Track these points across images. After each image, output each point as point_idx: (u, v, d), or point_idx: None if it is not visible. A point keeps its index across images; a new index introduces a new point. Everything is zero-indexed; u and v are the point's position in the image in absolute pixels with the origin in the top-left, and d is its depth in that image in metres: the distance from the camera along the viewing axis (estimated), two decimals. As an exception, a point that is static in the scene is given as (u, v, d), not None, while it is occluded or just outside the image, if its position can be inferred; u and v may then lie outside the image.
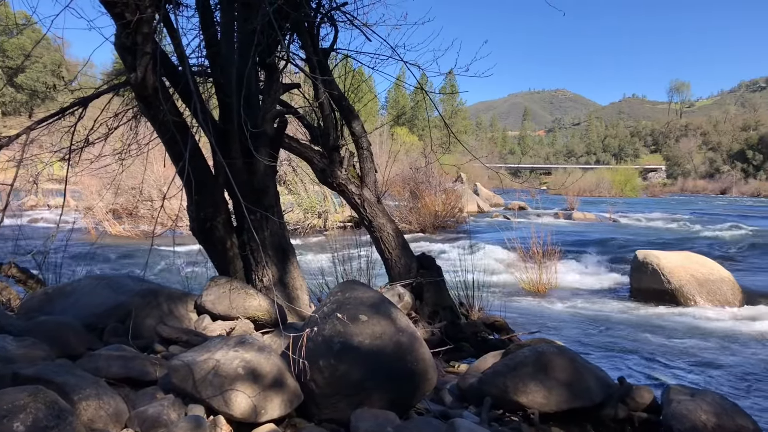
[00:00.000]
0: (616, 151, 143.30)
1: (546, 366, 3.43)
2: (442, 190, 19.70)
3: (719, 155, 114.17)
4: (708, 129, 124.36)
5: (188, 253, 4.66)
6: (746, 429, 3.33)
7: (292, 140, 5.03)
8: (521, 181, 34.09)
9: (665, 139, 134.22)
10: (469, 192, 30.99)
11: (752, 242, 16.63)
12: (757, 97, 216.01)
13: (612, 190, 56.26)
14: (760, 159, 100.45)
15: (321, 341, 3.00)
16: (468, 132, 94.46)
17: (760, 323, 7.26)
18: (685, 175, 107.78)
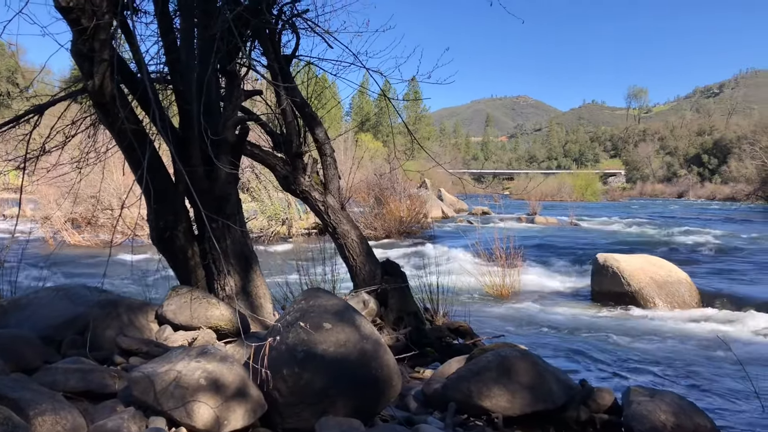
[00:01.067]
0: (577, 156, 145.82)
1: (509, 370, 3.47)
2: (406, 195, 19.77)
3: (676, 159, 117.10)
4: (665, 134, 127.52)
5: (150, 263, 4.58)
6: (703, 427, 3.42)
7: (254, 147, 4.99)
8: (484, 187, 34.43)
9: (624, 144, 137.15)
10: (433, 198, 31.15)
11: (708, 244, 17.10)
12: (711, 102, 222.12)
13: (573, 194, 57.11)
14: (715, 163, 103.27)
15: (284, 350, 2.98)
16: (432, 138, 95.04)
17: (715, 324, 7.46)
18: (644, 179, 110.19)
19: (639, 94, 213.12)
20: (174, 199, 4.30)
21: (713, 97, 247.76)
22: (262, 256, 13.25)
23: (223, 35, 3.71)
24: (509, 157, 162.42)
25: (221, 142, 4.10)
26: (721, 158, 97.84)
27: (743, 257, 14.37)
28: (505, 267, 9.70)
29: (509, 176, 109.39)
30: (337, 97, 19.26)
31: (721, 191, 77.41)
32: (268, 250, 14.96)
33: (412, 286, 6.04)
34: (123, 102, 3.70)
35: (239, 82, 4.39)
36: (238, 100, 4.31)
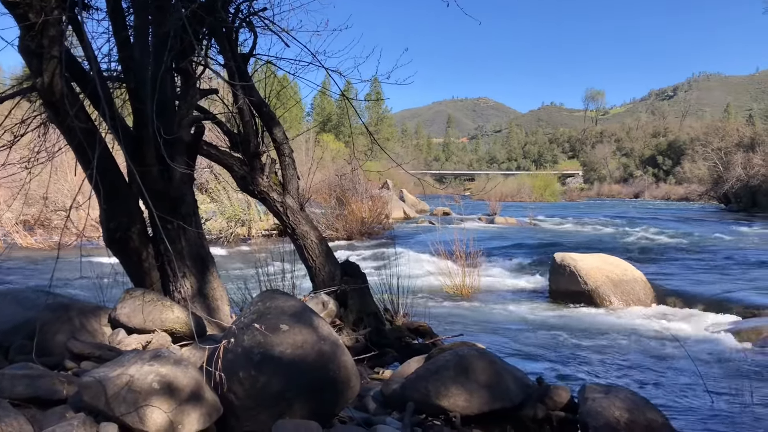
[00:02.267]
0: (536, 158, 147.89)
1: (467, 369, 3.49)
2: (368, 196, 19.78)
3: (632, 161, 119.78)
4: (621, 136, 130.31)
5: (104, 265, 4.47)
6: (655, 422, 3.49)
7: (210, 147, 4.93)
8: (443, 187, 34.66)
9: (582, 145, 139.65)
10: (395, 198, 31.24)
11: (663, 243, 17.54)
12: (665, 105, 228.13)
13: (532, 195, 57.92)
14: (669, 164, 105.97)
15: (241, 352, 2.94)
16: (394, 139, 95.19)
17: (669, 321, 7.64)
18: (601, 180, 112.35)
19: (596, 97, 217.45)
20: (127, 200, 4.21)
21: (668, 99, 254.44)
22: (220, 258, 13.09)
23: (177, 33, 3.64)
24: (470, 158, 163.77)
25: (176, 141, 4.03)
26: (675, 159, 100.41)
27: (696, 256, 14.78)
28: (465, 267, 9.77)
29: (470, 177, 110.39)
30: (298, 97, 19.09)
31: (675, 192, 79.48)
32: (227, 252, 14.79)
33: (373, 287, 6.04)
34: (73, 100, 3.60)
35: (195, 80, 4.32)
36: (193, 99, 4.25)
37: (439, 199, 36.42)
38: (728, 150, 51.04)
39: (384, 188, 29.70)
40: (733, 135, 61.72)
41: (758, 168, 40.95)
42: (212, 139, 7.58)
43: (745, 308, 8.06)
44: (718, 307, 8.22)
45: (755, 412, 4.39)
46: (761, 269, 12.18)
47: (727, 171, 45.45)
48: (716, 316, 7.83)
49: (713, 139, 64.07)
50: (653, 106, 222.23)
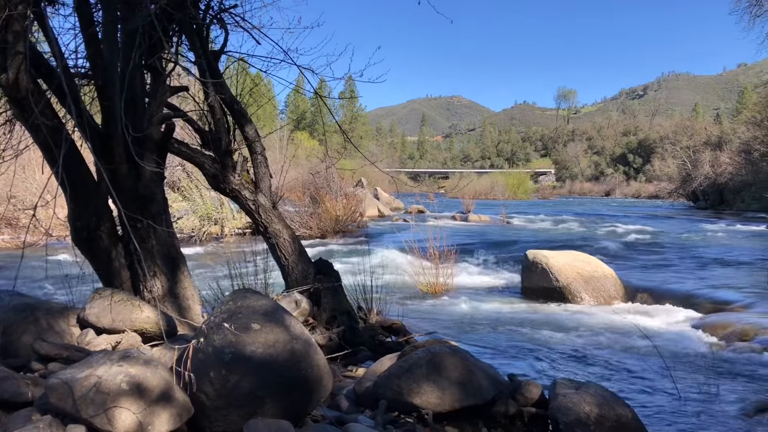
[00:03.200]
0: (509, 156, 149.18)
1: (439, 366, 3.50)
2: (342, 194, 19.73)
3: (603, 159, 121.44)
4: (593, 134, 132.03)
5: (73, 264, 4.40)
6: (624, 417, 3.54)
7: (181, 145, 4.87)
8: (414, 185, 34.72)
9: (554, 143, 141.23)
10: (369, 196, 31.21)
11: (633, 240, 17.81)
12: (636, 104, 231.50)
13: (506, 192, 58.44)
14: (639, 162, 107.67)
15: (211, 352, 2.91)
16: (368, 137, 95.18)
17: (639, 317, 7.76)
18: (573, 178, 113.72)
19: (568, 95, 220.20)
20: (96, 198, 4.14)
21: (638, 98, 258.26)
22: (193, 257, 12.98)
23: (145, 29, 3.60)
24: (444, 157, 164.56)
25: (146, 139, 3.98)
26: (645, 157, 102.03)
27: (664, 252, 15.03)
28: (438, 265, 9.81)
29: (444, 175, 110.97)
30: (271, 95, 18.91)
31: (645, 189, 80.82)
32: (200, 251, 14.65)
33: (347, 285, 6.03)
34: (39, 97, 3.53)
35: (165, 77, 4.27)
36: (163, 96, 4.20)
37: (413, 197, 36.53)
38: (696, 148, 52.01)
39: (358, 186, 29.65)
40: (701, 134, 62.93)
41: (725, 166, 41.80)
42: (183, 137, 7.49)
43: (711, 304, 8.23)
44: (685, 302, 8.38)
45: (721, 405, 4.48)
46: (727, 266, 12.43)
47: (695, 169, 46.30)
48: (684, 312, 7.99)
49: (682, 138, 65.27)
50: (624, 105, 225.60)
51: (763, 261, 12.93)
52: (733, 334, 6.62)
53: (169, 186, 17.82)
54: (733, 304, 8.13)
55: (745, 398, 4.61)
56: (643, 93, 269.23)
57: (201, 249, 15.10)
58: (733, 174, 40.52)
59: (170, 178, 17.80)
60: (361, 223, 20.99)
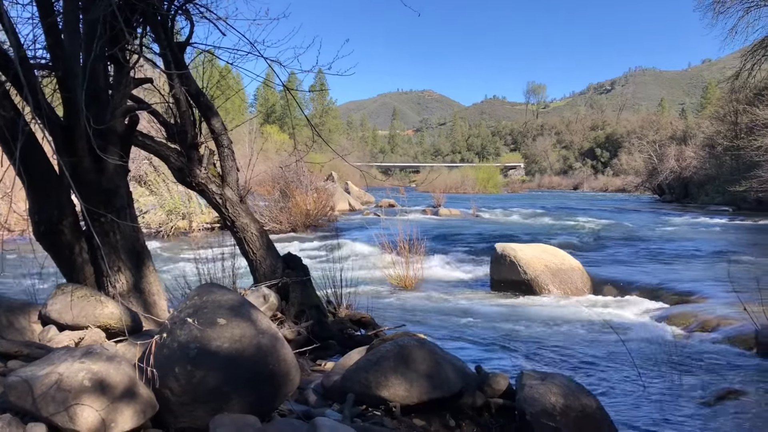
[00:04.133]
0: (479, 150, 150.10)
1: (407, 359, 3.51)
2: (313, 188, 19.65)
3: (572, 153, 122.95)
4: (561, 128, 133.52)
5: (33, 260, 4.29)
6: (589, 407, 3.60)
7: (146, 138, 4.79)
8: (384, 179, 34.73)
9: (523, 138, 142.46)
10: (340, 190, 31.17)
11: (599, 233, 18.09)
12: (603, 98, 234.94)
13: (476, 186, 58.82)
14: (607, 156, 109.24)
15: (176, 347, 2.88)
16: (339, 131, 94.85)
17: (604, 309, 7.89)
18: (542, 172, 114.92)
19: (537, 90, 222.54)
20: (58, 192, 4.05)
21: (605, 93, 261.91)
22: (160, 252, 12.80)
23: (106, 19, 3.52)
24: (415, 151, 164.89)
25: (109, 132, 3.91)
26: (613, 152, 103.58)
27: (630, 245, 15.29)
28: (408, 258, 9.84)
29: (415, 169, 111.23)
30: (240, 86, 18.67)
31: (612, 183, 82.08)
32: (167, 246, 14.47)
33: (316, 279, 6.01)
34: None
35: (129, 69, 4.20)
36: (127, 88, 4.13)
37: (384, 191, 36.54)
38: (662, 143, 52.95)
39: (329, 180, 29.60)
40: (667, 128, 64.15)
41: (690, 160, 42.63)
42: (149, 130, 7.38)
43: (675, 295, 8.39)
44: (650, 294, 8.53)
45: (683, 394, 4.58)
46: (691, 258, 12.70)
47: (661, 163, 47.14)
48: (649, 303, 8.13)
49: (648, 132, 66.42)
50: (592, 100, 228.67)
51: (725, 253, 13.23)
52: (696, 325, 6.76)
53: (136, 180, 17.56)
54: (696, 295, 8.29)
55: (705, 387, 4.72)
56: (611, 88, 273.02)
57: (168, 244, 14.91)
58: (698, 168, 41.35)
59: (137, 172, 17.52)
60: (332, 217, 20.94)
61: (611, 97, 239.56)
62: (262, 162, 23.88)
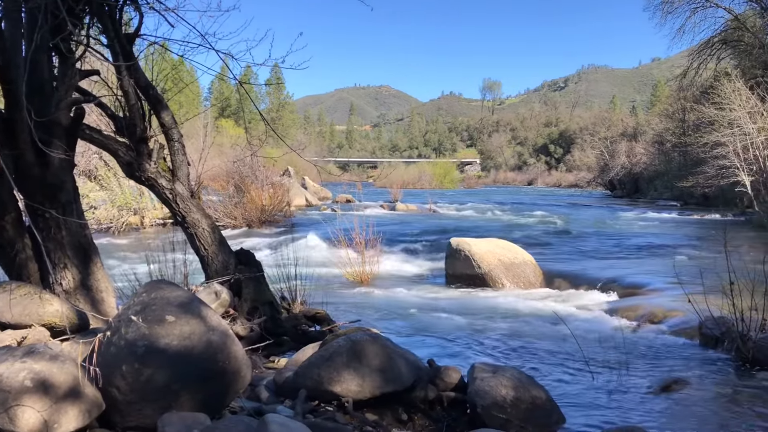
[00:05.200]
0: (436, 146, 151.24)
1: (360, 354, 3.52)
2: (269, 183, 19.46)
3: (526, 149, 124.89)
4: (516, 125, 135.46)
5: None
6: (539, 398, 3.67)
7: (93, 131, 4.67)
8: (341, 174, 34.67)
9: (479, 134, 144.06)
10: (297, 186, 30.96)
11: (553, 228, 18.43)
12: (557, 95, 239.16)
13: (433, 182, 59.25)
14: (560, 152, 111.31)
15: (124, 345, 2.83)
16: (296, 126, 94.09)
17: (555, 302, 8.04)
18: (498, 168, 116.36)
19: (493, 87, 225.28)
20: None
21: (559, 90, 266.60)
22: (110, 248, 12.52)
23: (48, 8, 3.41)
24: (373, 146, 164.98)
25: (53, 125, 3.80)
26: (566, 148, 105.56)
27: (582, 239, 15.62)
28: (365, 254, 9.84)
29: (373, 164, 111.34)
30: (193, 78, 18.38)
31: (565, 179, 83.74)
32: (118, 242, 14.16)
33: (271, 275, 5.97)
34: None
35: (74, 60, 4.08)
36: (72, 80, 4.01)
37: (342, 186, 36.49)
38: (614, 139, 54.27)
39: (285, 175, 29.36)
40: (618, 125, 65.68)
41: (640, 156, 43.78)
42: (98, 123, 7.20)
43: (624, 288, 8.59)
44: (600, 287, 8.72)
45: (631, 384, 4.70)
46: (640, 251, 13.05)
47: (612, 159, 48.31)
48: (599, 296, 8.31)
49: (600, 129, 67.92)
50: (546, 97, 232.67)
51: (672, 247, 13.63)
52: (644, 316, 6.94)
53: (86, 175, 17.11)
54: (644, 288, 8.51)
55: (652, 377, 4.85)
56: (564, 85, 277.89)
57: (119, 240, 14.59)
58: (647, 164, 42.51)
59: (86, 166, 17.08)
60: (288, 213, 20.80)
61: (565, 94, 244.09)
62: (216, 156, 23.57)
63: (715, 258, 5.68)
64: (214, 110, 68.77)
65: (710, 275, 5.46)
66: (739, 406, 4.17)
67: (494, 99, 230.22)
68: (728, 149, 19.24)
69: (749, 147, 18.80)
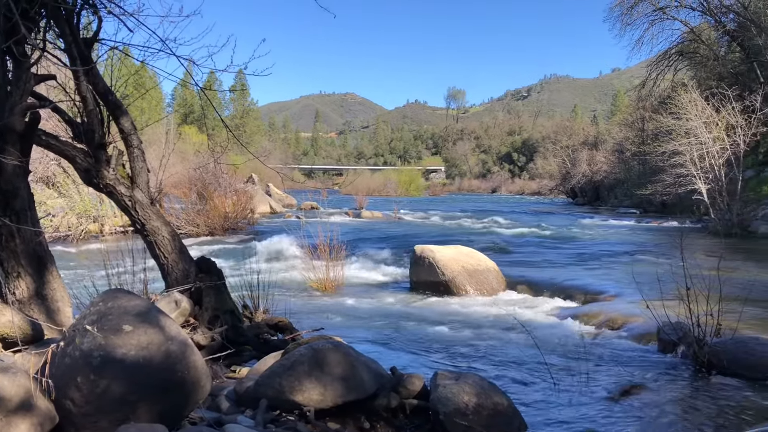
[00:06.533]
0: (402, 153, 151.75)
1: (321, 363, 3.50)
2: (232, 191, 19.28)
3: (490, 157, 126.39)
4: (480, 133, 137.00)
5: None
6: (501, 405, 3.70)
7: (50, 137, 4.55)
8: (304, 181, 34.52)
9: (444, 142, 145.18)
10: (261, 193, 30.74)
11: (516, 235, 18.64)
12: (520, 105, 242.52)
13: (398, 189, 59.44)
14: (523, 161, 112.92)
15: (79, 356, 2.76)
16: (260, 132, 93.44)
17: (519, 308, 8.11)
18: (462, 176, 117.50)
19: (457, 96, 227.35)
20: (-51, 194, 3.80)
21: (522, 99, 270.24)
22: (68, 257, 12.23)
23: (0, 11, 3.33)
24: (338, 153, 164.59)
25: (7, 130, 3.70)
26: (529, 156, 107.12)
27: (544, 246, 15.84)
28: (329, 261, 9.81)
29: (338, 172, 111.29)
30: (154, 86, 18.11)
31: (528, 186, 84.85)
32: (77, 250, 13.84)
33: (233, 284, 5.90)
34: None
35: (29, 65, 3.98)
36: (27, 84, 3.91)
37: (307, 193, 36.33)
38: (575, 148, 55.27)
39: (249, 182, 29.12)
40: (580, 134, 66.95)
41: (600, 165, 44.62)
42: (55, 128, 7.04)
43: (585, 294, 8.73)
44: (562, 294, 8.85)
45: (591, 390, 4.77)
46: (600, 258, 13.26)
47: (574, 167, 49.12)
48: (560, 303, 8.44)
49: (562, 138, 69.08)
50: (509, 106, 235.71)
51: (631, 253, 13.90)
52: (604, 322, 7.06)
53: (44, 181, 16.71)
54: (605, 294, 8.66)
55: (612, 382, 4.94)
56: (527, 94, 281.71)
57: (77, 249, 14.26)
58: (608, 172, 43.33)
59: (44, 173, 16.69)
60: (252, 220, 20.63)
61: (528, 104, 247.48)
62: (179, 163, 23.26)
63: (672, 264, 5.80)
64: (177, 117, 67.91)
65: (668, 281, 5.57)
66: (696, 409, 4.27)
67: (459, 107, 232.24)
68: (685, 158, 19.71)
69: (705, 156, 19.29)
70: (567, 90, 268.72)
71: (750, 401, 4.39)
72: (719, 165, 18.99)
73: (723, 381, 4.85)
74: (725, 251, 9.80)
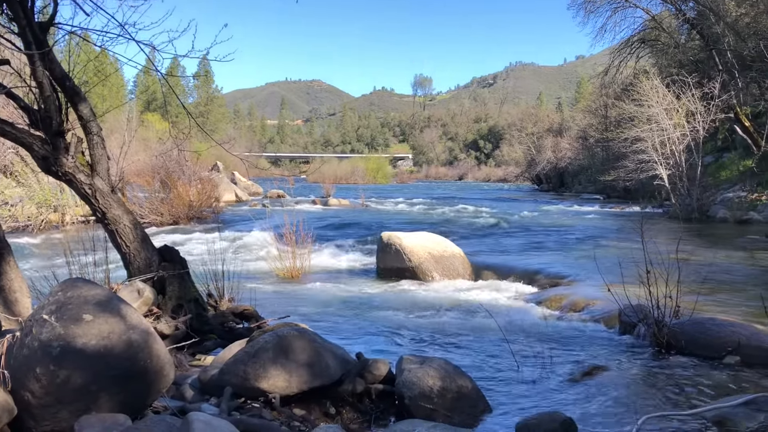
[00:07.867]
0: (369, 141, 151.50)
1: (286, 349, 3.50)
2: (196, 179, 19.03)
3: (457, 144, 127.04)
4: (447, 121, 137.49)
5: None
6: (465, 388, 3.76)
7: (5, 124, 4.44)
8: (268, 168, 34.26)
9: (411, 129, 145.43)
10: (226, 181, 30.45)
11: (482, 221, 18.81)
12: (486, 92, 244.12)
13: (365, 177, 59.43)
14: (489, 148, 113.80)
15: (37, 347, 2.71)
16: (225, 120, 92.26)
17: (483, 293, 8.22)
18: (429, 163, 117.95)
19: (424, 83, 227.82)
20: None
21: (488, 87, 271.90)
22: (28, 247, 11.98)
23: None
24: (305, 141, 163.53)
25: (-42, 117, 3.59)
26: (495, 143, 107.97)
27: (509, 232, 16.03)
28: (295, 249, 9.78)
29: (305, 160, 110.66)
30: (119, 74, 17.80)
31: (495, 173, 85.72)
32: (36, 241, 13.54)
33: (197, 272, 5.84)
34: None
35: (-18, 49, 3.87)
36: (-21, 70, 3.80)
37: (273, 181, 36.09)
38: (540, 135, 55.85)
39: (214, 170, 28.81)
40: (545, 121, 67.63)
41: (565, 151, 45.21)
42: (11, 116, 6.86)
43: (549, 279, 8.88)
44: (526, 278, 8.98)
45: (553, 372, 4.87)
46: (564, 243, 13.49)
47: (539, 154, 49.69)
48: (524, 287, 8.57)
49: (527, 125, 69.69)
50: (475, 93, 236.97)
51: (595, 238, 14.15)
52: (567, 306, 7.19)
53: (1, 171, 16.28)
54: (568, 278, 8.81)
55: (574, 364, 5.04)
56: (493, 82, 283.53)
57: (38, 238, 13.95)
58: (572, 159, 43.96)
59: (2, 161, 16.25)
60: (217, 209, 20.43)
61: (493, 91, 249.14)
62: (142, 151, 22.87)
63: (633, 248, 5.93)
64: (139, 104, 66.73)
65: (629, 265, 5.69)
66: (654, 388, 4.39)
67: (426, 95, 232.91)
68: (647, 144, 20.08)
69: (666, 142, 19.68)
70: (532, 77, 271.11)
71: (706, 379, 4.53)
72: (680, 151, 19.41)
73: (681, 360, 4.99)
74: (685, 235, 10.03)
